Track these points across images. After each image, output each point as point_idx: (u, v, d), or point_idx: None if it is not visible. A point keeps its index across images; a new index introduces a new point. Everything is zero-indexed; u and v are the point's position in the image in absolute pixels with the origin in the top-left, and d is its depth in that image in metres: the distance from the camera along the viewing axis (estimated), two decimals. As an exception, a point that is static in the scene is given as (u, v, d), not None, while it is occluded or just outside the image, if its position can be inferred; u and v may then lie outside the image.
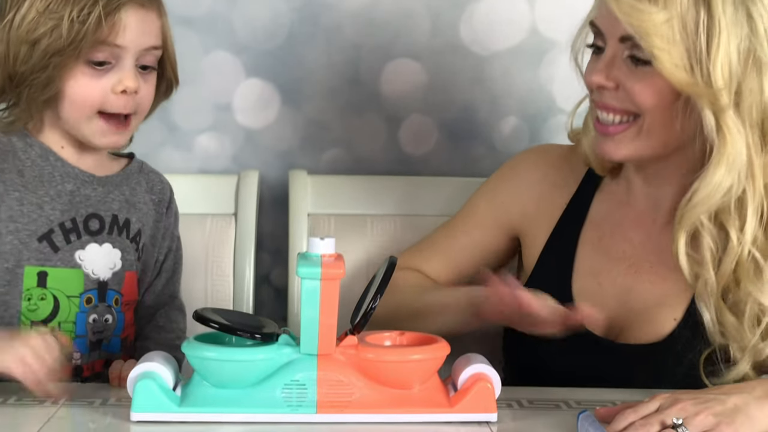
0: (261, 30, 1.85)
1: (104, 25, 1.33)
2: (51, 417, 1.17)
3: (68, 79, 1.35)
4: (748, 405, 1.13)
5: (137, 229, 1.46)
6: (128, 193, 1.47)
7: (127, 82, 1.37)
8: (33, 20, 1.33)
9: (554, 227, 1.49)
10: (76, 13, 1.32)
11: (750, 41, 1.27)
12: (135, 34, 1.36)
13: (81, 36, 1.33)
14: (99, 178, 1.44)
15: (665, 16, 1.26)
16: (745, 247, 1.30)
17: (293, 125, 1.88)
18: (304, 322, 1.16)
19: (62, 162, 1.41)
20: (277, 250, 1.87)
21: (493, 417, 1.18)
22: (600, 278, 1.44)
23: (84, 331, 1.41)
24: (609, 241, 1.46)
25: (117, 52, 1.36)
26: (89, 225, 1.42)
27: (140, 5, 1.37)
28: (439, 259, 1.57)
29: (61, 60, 1.33)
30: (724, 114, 1.27)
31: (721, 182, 1.28)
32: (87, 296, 1.41)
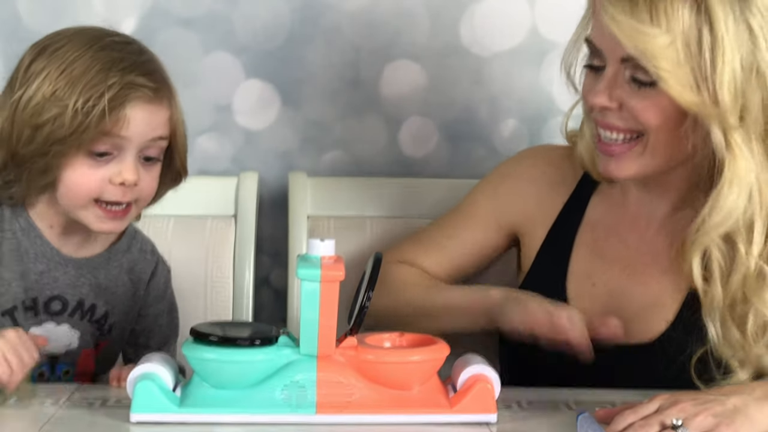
0: (261, 31, 1.85)
1: (108, 119, 1.29)
2: (51, 417, 1.17)
3: (67, 168, 1.31)
4: (748, 406, 1.13)
5: (104, 312, 1.43)
6: (102, 277, 1.43)
7: (126, 174, 1.32)
8: (39, 104, 1.30)
9: (551, 227, 1.50)
10: (81, 103, 1.28)
11: (753, 55, 1.27)
12: (140, 128, 1.32)
13: (83, 127, 1.28)
14: (75, 260, 1.41)
15: (669, 39, 1.25)
16: (752, 260, 1.30)
17: (293, 127, 1.88)
18: (304, 324, 1.16)
19: (41, 240, 1.39)
20: (276, 251, 1.86)
21: (492, 418, 1.18)
22: (594, 279, 1.45)
23: None
24: (604, 243, 1.46)
25: (119, 143, 1.32)
26: (50, 306, 1.39)
27: (148, 100, 1.32)
28: (437, 256, 1.57)
29: (62, 149, 1.29)
30: (733, 132, 1.26)
31: (734, 207, 1.28)
32: (40, 371, 1.39)
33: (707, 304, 1.33)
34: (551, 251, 1.49)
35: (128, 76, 1.31)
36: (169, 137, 1.37)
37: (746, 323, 1.32)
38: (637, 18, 1.26)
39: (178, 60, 1.80)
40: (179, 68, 1.79)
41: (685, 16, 1.25)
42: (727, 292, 1.32)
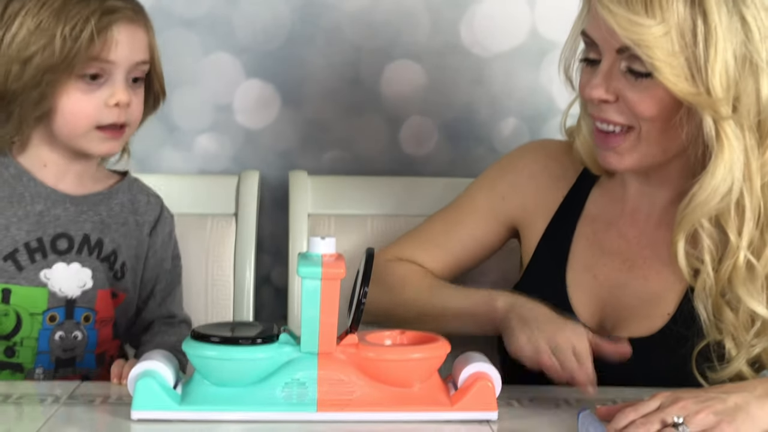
0: (261, 31, 1.85)
1: (96, 42, 1.36)
2: (51, 416, 1.17)
3: (61, 95, 1.37)
4: (749, 404, 1.13)
5: (111, 249, 1.46)
6: (104, 214, 1.47)
7: (120, 95, 1.39)
8: (24, 39, 1.35)
9: (551, 220, 1.50)
10: (68, 30, 1.34)
11: (745, 46, 1.28)
12: (126, 50, 1.39)
13: (74, 52, 1.35)
14: (73, 197, 1.44)
15: (664, 29, 1.26)
16: (741, 251, 1.31)
17: (293, 126, 1.88)
18: (305, 322, 1.16)
19: (35, 182, 1.42)
20: (277, 250, 1.87)
21: (493, 415, 1.18)
22: (594, 272, 1.45)
23: (47, 347, 1.42)
24: (603, 236, 1.46)
25: (108, 68, 1.38)
26: (57, 245, 1.42)
27: (130, 21, 1.40)
28: (436, 251, 1.56)
29: (54, 77, 1.35)
30: (724, 122, 1.27)
31: (719, 186, 1.29)
32: (51, 314, 1.42)
33: (699, 290, 1.34)
34: (551, 244, 1.49)
35: (108, 2, 1.38)
36: (150, 62, 1.44)
37: (737, 311, 1.33)
38: (632, 9, 1.27)
39: (179, 60, 1.81)
40: (180, 68, 1.81)
41: (679, 7, 1.26)
42: (718, 280, 1.33)
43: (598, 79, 1.34)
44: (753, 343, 1.33)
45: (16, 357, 1.42)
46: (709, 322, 1.34)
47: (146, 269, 1.52)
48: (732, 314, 1.33)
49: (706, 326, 1.34)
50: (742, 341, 1.33)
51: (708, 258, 1.33)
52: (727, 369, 1.33)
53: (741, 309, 1.33)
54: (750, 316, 1.33)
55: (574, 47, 1.41)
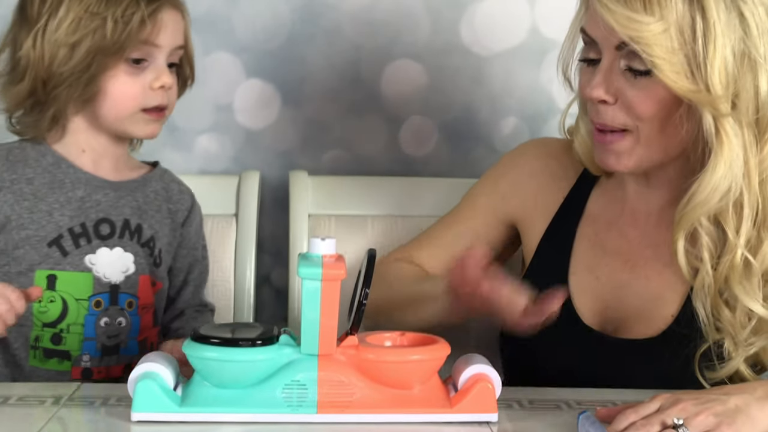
0: (261, 30, 1.85)
1: (147, 25, 1.40)
2: (51, 417, 1.17)
3: (109, 78, 1.41)
4: (749, 405, 1.13)
5: (150, 236, 1.48)
6: (141, 200, 1.49)
7: (164, 78, 1.44)
8: (72, 23, 1.39)
9: (551, 220, 1.50)
10: (119, 13, 1.39)
11: (744, 42, 1.27)
12: (170, 34, 1.44)
13: (125, 36, 1.39)
14: (112, 182, 1.47)
15: (663, 26, 1.26)
16: (738, 249, 1.31)
17: (294, 126, 1.88)
18: (305, 323, 1.16)
19: (74, 169, 1.45)
20: (277, 250, 1.87)
21: (493, 417, 1.18)
22: (597, 273, 1.45)
23: (93, 333, 1.43)
24: (605, 236, 1.46)
25: (153, 51, 1.43)
26: (99, 229, 1.44)
27: (174, 6, 1.45)
28: (435, 250, 1.56)
29: (104, 59, 1.39)
30: (723, 118, 1.27)
31: (719, 185, 1.29)
32: (96, 299, 1.44)
33: (697, 288, 1.34)
34: (552, 244, 1.49)
35: None
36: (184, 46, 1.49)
37: (734, 309, 1.33)
38: (630, 7, 1.27)
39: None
40: (180, 67, 1.80)
41: (678, 4, 1.26)
42: (716, 278, 1.33)
43: (598, 78, 1.34)
44: (750, 342, 1.33)
45: (63, 344, 1.43)
46: (707, 321, 1.34)
47: (179, 258, 1.54)
48: (729, 313, 1.33)
49: (705, 326, 1.34)
50: (739, 340, 1.33)
51: (707, 256, 1.33)
52: (725, 368, 1.33)
53: (738, 307, 1.33)
54: (747, 315, 1.33)
55: (572, 47, 1.41)
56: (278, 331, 1.20)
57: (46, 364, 1.43)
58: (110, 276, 1.44)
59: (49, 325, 1.42)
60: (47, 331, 1.42)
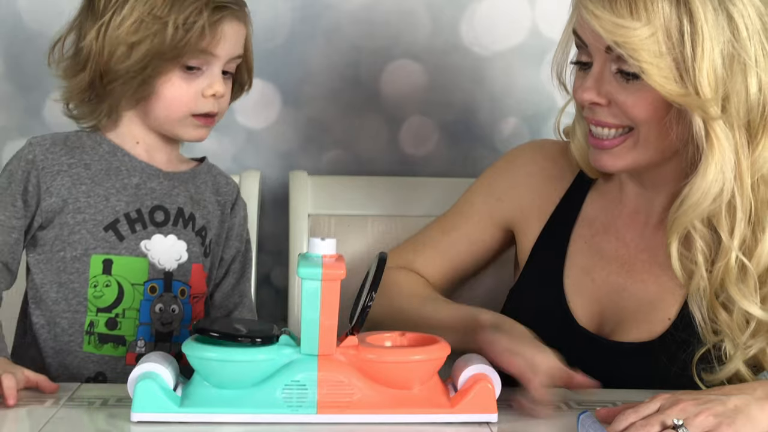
0: (261, 30, 1.84)
1: (207, 35, 1.40)
2: (51, 417, 1.17)
3: (164, 82, 1.42)
4: (749, 406, 1.13)
5: (202, 225, 1.49)
6: (193, 191, 1.50)
7: (217, 87, 1.43)
8: (135, 23, 1.39)
9: (547, 222, 1.50)
10: (181, 20, 1.39)
11: (732, 45, 1.27)
12: (229, 45, 1.43)
13: (184, 42, 1.39)
14: (166, 172, 1.48)
15: (649, 30, 1.26)
16: (733, 252, 1.31)
17: (294, 126, 1.88)
18: (305, 323, 1.16)
19: (130, 157, 1.47)
20: (277, 250, 1.86)
21: (493, 417, 1.18)
22: (593, 275, 1.45)
23: (148, 319, 1.44)
24: (601, 239, 1.46)
25: (210, 60, 1.42)
26: (154, 216, 1.46)
27: (237, 18, 1.44)
28: (433, 255, 1.56)
29: (160, 63, 1.40)
30: (714, 121, 1.27)
31: (710, 187, 1.28)
32: (151, 285, 1.45)
33: (693, 292, 1.34)
34: (548, 247, 1.49)
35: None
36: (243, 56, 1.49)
37: (731, 312, 1.33)
38: (616, 12, 1.27)
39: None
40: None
41: (665, 8, 1.26)
42: (712, 281, 1.32)
43: (589, 81, 1.34)
44: (749, 344, 1.33)
45: (118, 329, 1.43)
46: (704, 324, 1.34)
47: (226, 248, 1.55)
48: (726, 315, 1.33)
49: (702, 329, 1.34)
50: (737, 342, 1.32)
51: (701, 259, 1.33)
52: (724, 371, 1.32)
53: (735, 310, 1.32)
54: (744, 317, 1.33)
55: (566, 51, 1.41)
56: (278, 330, 1.20)
57: (101, 350, 1.43)
58: (164, 263, 1.45)
59: (105, 309, 1.43)
60: (102, 316, 1.43)
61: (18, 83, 1.83)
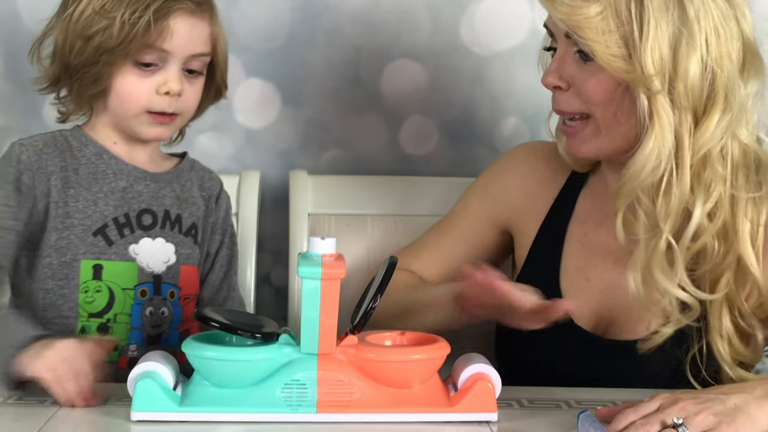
0: (261, 30, 1.85)
1: (152, 30, 1.38)
2: (51, 417, 1.17)
3: (117, 77, 1.41)
4: (749, 405, 1.13)
5: (191, 223, 1.49)
6: (179, 190, 1.50)
7: (171, 84, 1.42)
8: (89, 17, 1.39)
9: (542, 223, 1.50)
10: (128, 15, 1.38)
11: (678, 27, 1.29)
12: (182, 41, 1.41)
13: (130, 38, 1.38)
14: (151, 174, 1.48)
15: (598, 9, 1.29)
16: (662, 235, 1.32)
17: (294, 125, 1.88)
18: (305, 322, 1.16)
19: (116, 159, 1.46)
20: (277, 250, 1.87)
21: (493, 416, 1.18)
22: (587, 273, 1.45)
23: (140, 323, 1.44)
24: (594, 237, 1.47)
25: (164, 56, 1.41)
26: (142, 220, 1.45)
27: (190, 13, 1.42)
28: (430, 258, 1.57)
29: (111, 58, 1.39)
30: (655, 98, 1.29)
31: (647, 159, 1.30)
32: (141, 289, 1.44)
33: (632, 262, 1.35)
34: (543, 246, 1.49)
35: None
36: (211, 54, 1.46)
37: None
38: None
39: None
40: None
41: None
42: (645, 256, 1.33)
43: (552, 65, 1.38)
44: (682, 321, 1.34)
45: (110, 334, 1.43)
46: (638, 294, 1.34)
47: (211, 242, 1.54)
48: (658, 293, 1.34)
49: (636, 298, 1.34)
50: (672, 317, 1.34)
51: (642, 232, 1.34)
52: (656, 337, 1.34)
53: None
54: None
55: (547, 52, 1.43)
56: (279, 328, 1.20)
57: None
58: (153, 266, 1.45)
59: (96, 315, 1.42)
60: (94, 322, 1.42)
61: (18, 83, 1.83)
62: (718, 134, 1.31)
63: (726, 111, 1.30)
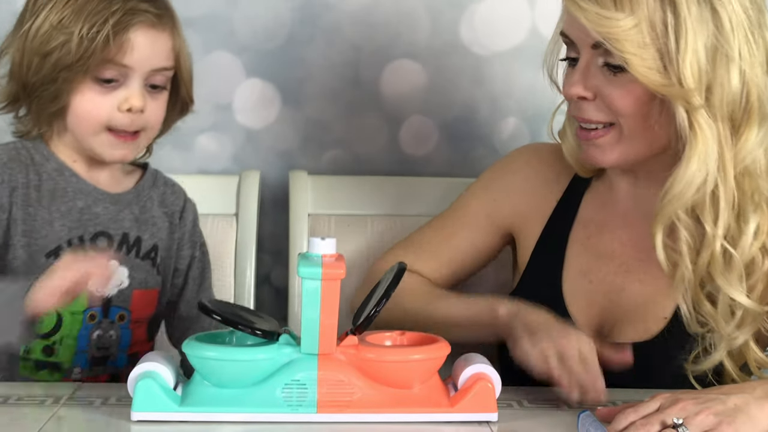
0: (261, 30, 1.85)
1: (112, 45, 1.34)
2: (51, 417, 1.17)
3: (75, 94, 1.37)
4: (749, 405, 1.13)
5: (151, 246, 1.46)
6: (138, 211, 1.47)
7: (133, 101, 1.37)
8: (46, 33, 1.35)
9: (545, 225, 1.50)
10: (86, 30, 1.33)
11: (716, 38, 1.28)
12: (143, 55, 1.37)
13: (89, 53, 1.34)
14: (111, 195, 1.44)
15: (633, 21, 1.27)
16: (717, 240, 1.31)
17: (294, 125, 1.88)
18: (305, 322, 1.16)
19: (77, 178, 1.42)
20: (277, 250, 1.87)
21: (493, 417, 1.18)
22: (590, 277, 1.45)
23: (86, 346, 1.42)
24: (597, 240, 1.46)
25: (124, 71, 1.37)
26: (96, 243, 1.42)
27: (151, 25, 1.37)
28: (432, 258, 1.56)
29: (69, 75, 1.35)
30: (696, 112, 1.28)
31: (693, 177, 1.29)
32: (90, 313, 1.42)
33: (677, 282, 1.34)
34: (546, 249, 1.49)
35: (131, 2, 1.36)
36: (174, 67, 1.41)
37: (716, 302, 1.33)
38: (601, 4, 1.28)
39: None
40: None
41: (649, 0, 1.27)
42: (697, 271, 1.33)
43: (576, 76, 1.35)
44: (734, 336, 1.33)
45: (55, 356, 1.41)
46: (690, 315, 1.34)
47: (179, 258, 1.52)
48: (711, 306, 1.33)
49: (687, 319, 1.34)
50: (723, 333, 1.33)
51: (685, 249, 1.33)
52: (709, 360, 1.33)
53: (720, 300, 1.33)
54: (729, 308, 1.33)
55: (556, 50, 1.42)
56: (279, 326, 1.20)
57: (37, 375, 1.41)
58: (103, 290, 1.41)
59: (42, 336, 1.39)
60: (39, 343, 1.40)
61: None
62: (758, 145, 1.30)
63: (763, 121, 1.30)
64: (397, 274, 1.18)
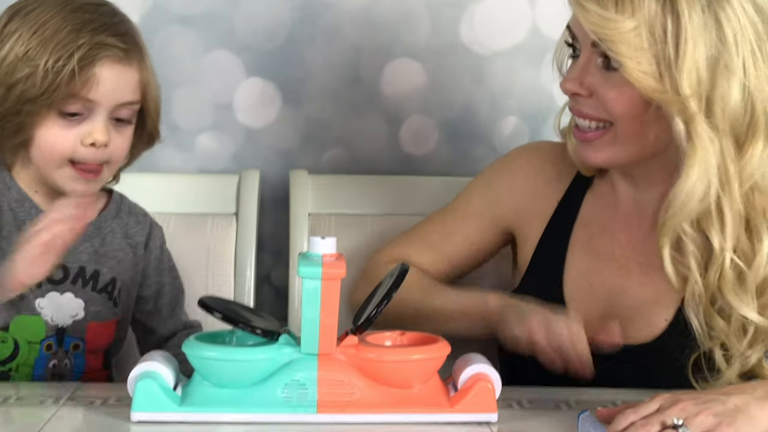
0: (261, 29, 1.85)
1: (77, 79, 1.31)
2: (51, 417, 1.17)
3: (39, 127, 1.34)
4: (749, 405, 1.13)
5: (109, 279, 1.44)
6: (98, 244, 1.44)
7: (97, 135, 1.34)
8: (11, 64, 1.32)
9: (546, 226, 1.50)
10: (51, 63, 1.30)
11: (718, 49, 1.27)
12: (109, 89, 1.34)
13: (54, 87, 1.31)
14: None
15: (632, 24, 1.26)
16: (726, 254, 1.30)
17: (294, 125, 1.88)
18: (305, 322, 1.15)
19: (36, 209, 1.40)
20: (277, 249, 1.87)
21: (493, 417, 1.18)
22: (591, 279, 1.45)
23: (42, 373, 1.41)
24: (598, 242, 1.46)
25: (89, 105, 1.34)
26: (53, 275, 1.38)
27: (117, 60, 1.35)
28: (431, 254, 1.56)
29: (34, 108, 1.32)
30: (694, 121, 1.26)
31: (694, 188, 1.28)
32: (47, 343, 1.41)
33: (688, 297, 1.34)
34: (547, 250, 1.49)
35: (98, 37, 1.33)
36: (141, 101, 1.39)
37: (729, 318, 1.32)
38: (602, 5, 1.28)
39: (178, 58, 1.81)
40: (180, 66, 1.80)
41: (651, 3, 1.27)
42: (707, 286, 1.32)
43: (574, 72, 1.36)
44: (747, 354, 1.32)
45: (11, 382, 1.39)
46: (702, 331, 1.34)
47: (145, 287, 1.50)
48: (723, 323, 1.32)
49: (699, 335, 1.34)
50: (735, 351, 1.32)
51: (694, 264, 1.32)
52: (720, 380, 1.32)
53: (733, 316, 1.32)
54: (742, 324, 1.32)
55: (566, 47, 1.42)
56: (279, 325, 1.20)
57: None
58: (57, 319, 1.40)
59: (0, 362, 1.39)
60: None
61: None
62: (766, 160, 1.29)
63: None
64: (399, 276, 1.18)
